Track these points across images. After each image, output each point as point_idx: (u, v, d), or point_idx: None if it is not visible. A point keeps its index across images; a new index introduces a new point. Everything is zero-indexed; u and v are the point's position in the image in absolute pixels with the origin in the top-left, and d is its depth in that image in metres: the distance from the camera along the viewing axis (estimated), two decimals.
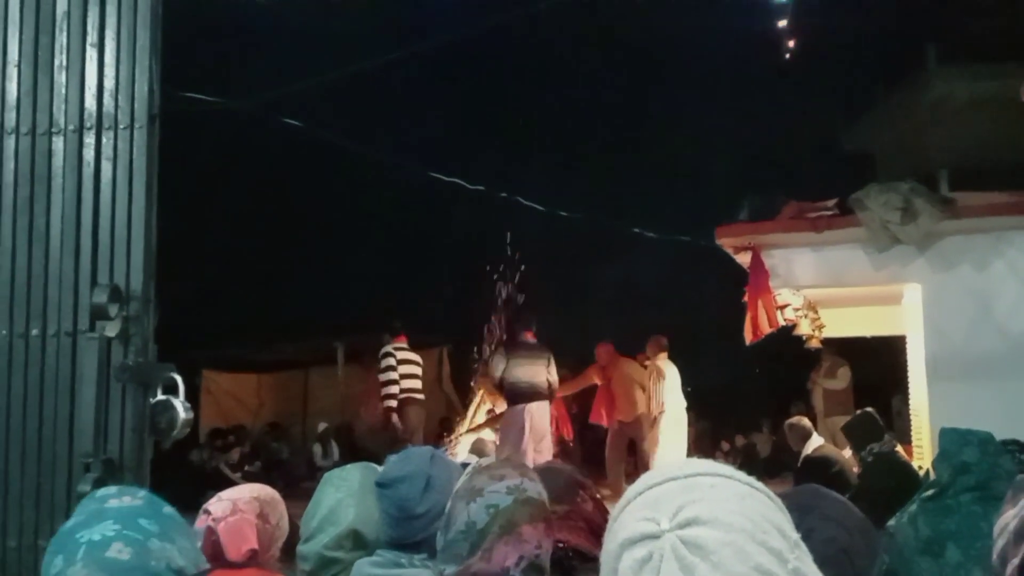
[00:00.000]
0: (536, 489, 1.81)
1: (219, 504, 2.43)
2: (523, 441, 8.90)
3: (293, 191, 15.20)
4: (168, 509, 1.59)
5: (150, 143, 2.81)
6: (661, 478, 1.02)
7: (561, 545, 2.15)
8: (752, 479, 1.03)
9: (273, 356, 14.78)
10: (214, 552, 2.37)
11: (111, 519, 1.49)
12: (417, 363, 9.72)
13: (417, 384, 9.58)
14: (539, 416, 9.07)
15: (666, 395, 9.62)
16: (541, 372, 9.19)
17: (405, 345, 9.72)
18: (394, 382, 9.40)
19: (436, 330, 13.68)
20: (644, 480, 1.03)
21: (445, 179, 10.58)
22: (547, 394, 9.20)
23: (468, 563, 1.71)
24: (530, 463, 8.93)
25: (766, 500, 1.01)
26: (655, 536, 0.94)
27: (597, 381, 10.57)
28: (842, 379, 10.68)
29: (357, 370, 13.52)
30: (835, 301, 8.16)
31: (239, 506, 2.49)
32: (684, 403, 9.78)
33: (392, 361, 9.48)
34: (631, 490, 1.03)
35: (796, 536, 0.99)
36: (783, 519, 1.00)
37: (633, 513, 0.99)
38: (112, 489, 1.61)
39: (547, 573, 1.77)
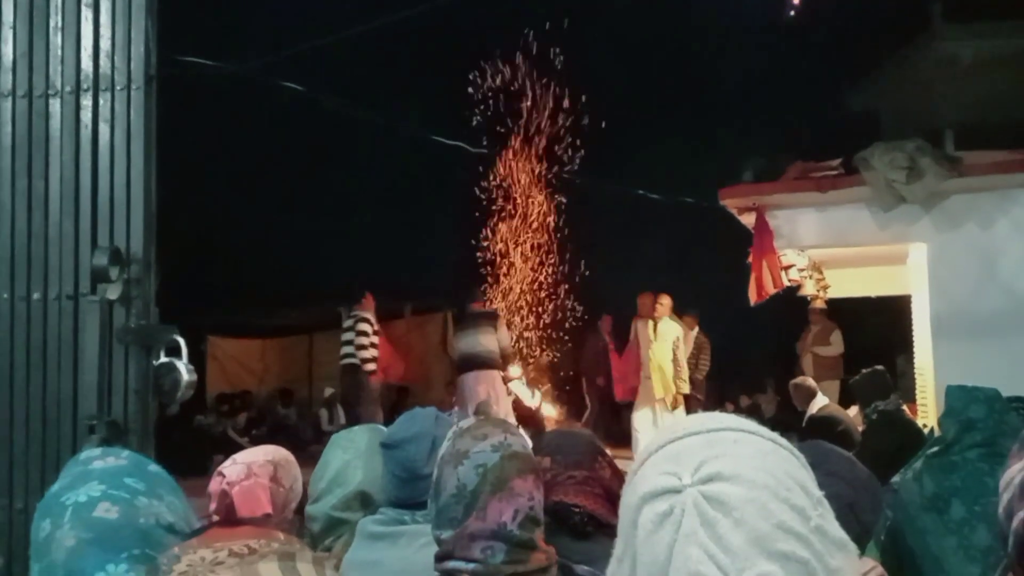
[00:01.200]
0: (520, 443, 1.82)
1: (233, 468, 2.43)
2: (468, 412, 8.94)
3: (296, 155, 15.14)
4: (154, 467, 1.58)
5: (148, 105, 2.77)
6: (683, 432, 1.00)
7: (577, 509, 2.16)
8: (776, 435, 1.01)
9: (277, 321, 14.82)
10: (228, 515, 2.38)
11: (96, 479, 1.48)
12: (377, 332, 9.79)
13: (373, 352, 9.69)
14: (482, 385, 9.10)
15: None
16: (482, 341, 9.19)
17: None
18: (367, 346, 9.53)
19: (440, 294, 13.68)
20: (665, 434, 1.02)
21: (447, 142, 10.53)
22: (490, 363, 9.19)
23: (464, 525, 1.72)
24: None
25: (790, 457, 0.99)
26: (676, 491, 0.93)
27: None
28: (835, 345, 10.62)
29: None
30: (840, 261, 8.14)
31: (253, 470, 2.50)
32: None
33: (367, 328, 9.60)
34: (651, 443, 1.02)
35: (819, 494, 0.98)
36: (806, 476, 0.99)
37: (654, 467, 0.98)
38: (96, 451, 1.60)
39: (542, 524, 1.77)
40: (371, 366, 9.64)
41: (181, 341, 2.76)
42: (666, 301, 9.62)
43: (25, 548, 2.69)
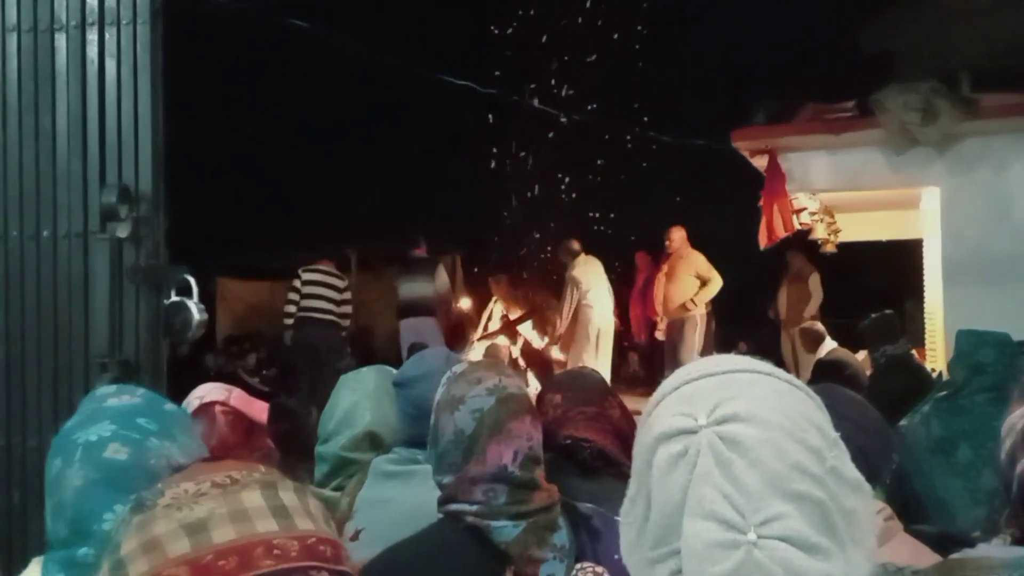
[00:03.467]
0: (515, 384, 1.83)
1: (211, 391, 2.47)
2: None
3: (306, 97, 14.98)
4: (169, 406, 1.57)
5: (154, 39, 2.74)
6: (697, 374, 1.00)
7: (587, 444, 2.17)
8: (792, 376, 1.01)
9: (287, 263, 14.80)
10: (222, 440, 2.41)
11: (108, 419, 1.47)
12: (326, 284, 9.66)
13: (319, 304, 9.55)
14: (419, 332, 9.15)
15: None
16: (420, 287, 9.31)
17: (323, 268, 9.74)
18: (292, 302, 9.61)
19: (449, 237, 13.66)
20: (680, 375, 1.02)
21: (457, 82, 10.42)
22: (427, 308, 9.30)
23: (464, 469, 1.73)
24: None
25: (805, 398, 0.99)
26: (692, 431, 0.93)
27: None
28: (814, 291, 10.51)
29: (370, 278, 13.56)
30: (851, 205, 8.09)
31: (225, 387, 2.55)
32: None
33: (297, 284, 9.63)
34: (666, 384, 1.02)
35: (835, 435, 0.98)
36: (822, 417, 0.99)
37: (669, 408, 0.98)
38: (111, 388, 1.59)
39: (543, 463, 1.78)
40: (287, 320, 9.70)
41: (192, 280, 2.77)
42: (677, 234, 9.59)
43: (38, 485, 2.75)
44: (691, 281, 9.43)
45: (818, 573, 0.86)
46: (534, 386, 8.06)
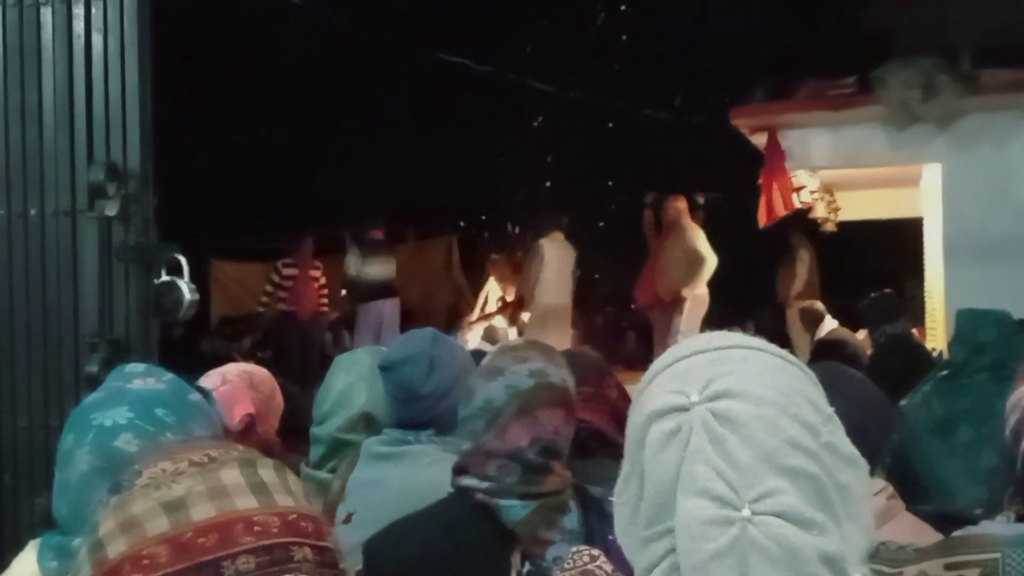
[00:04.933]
0: (560, 375, 1.81)
1: (208, 378, 2.45)
2: (381, 338, 9.01)
3: (300, 74, 14.87)
4: (193, 396, 1.54)
5: (141, 13, 2.69)
6: (689, 351, 0.99)
7: (583, 424, 2.15)
8: (785, 352, 1.00)
9: (280, 244, 14.76)
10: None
11: (127, 405, 1.44)
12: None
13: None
14: (391, 313, 9.38)
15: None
16: (382, 269, 9.50)
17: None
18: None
19: (445, 217, 13.63)
20: (672, 353, 1.01)
21: (452, 60, 10.36)
22: (391, 290, 9.58)
23: (483, 440, 1.73)
24: None
25: (799, 373, 0.99)
26: (684, 408, 0.92)
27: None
28: (799, 270, 10.48)
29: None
30: (851, 183, 8.06)
31: (229, 377, 2.53)
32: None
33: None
34: (658, 362, 1.01)
35: (829, 410, 0.97)
36: (816, 392, 0.98)
37: (661, 385, 0.96)
38: (140, 367, 1.55)
39: (563, 457, 1.77)
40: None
41: (182, 259, 2.74)
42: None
43: (29, 466, 2.73)
44: (681, 258, 8.89)
45: (813, 548, 0.85)
46: None
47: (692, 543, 0.86)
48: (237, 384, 2.53)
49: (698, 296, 8.93)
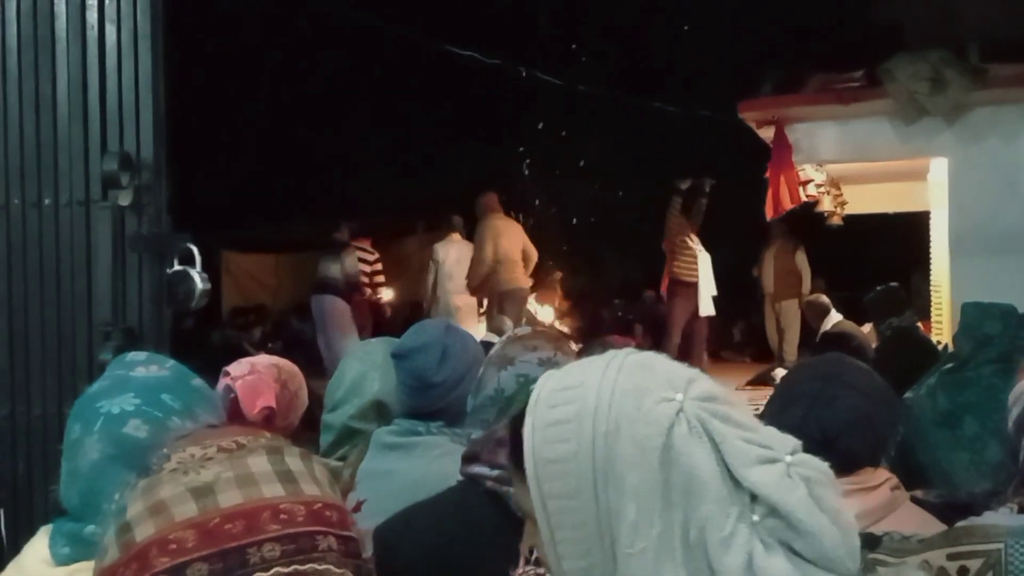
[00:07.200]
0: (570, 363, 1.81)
1: (239, 366, 2.47)
2: (326, 330, 9.66)
3: (312, 65, 14.87)
4: (196, 381, 1.55)
5: (155, 4, 2.70)
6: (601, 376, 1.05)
7: None
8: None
9: (291, 236, 14.78)
10: (233, 413, 2.41)
11: (133, 391, 1.45)
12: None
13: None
14: (323, 309, 9.70)
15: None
16: (329, 267, 9.79)
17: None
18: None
19: (451, 210, 13.59)
20: (598, 389, 1.04)
21: (461, 52, 10.36)
22: (336, 287, 9.73)
23: (493, 428, 1.73)
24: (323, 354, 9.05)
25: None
26: (681, 410, 0.97)
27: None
28: (801, 263, 10.45)
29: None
30: (858, 177, 8.04)
31: (257, 368, 2.55)
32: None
33: None
34: (546, 383, 1.13)
35: None
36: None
37: (642, 402, 1.00)
38: (141, 355, 1.56)
39: None
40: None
41: (195, 249, 2.75)
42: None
43: (43, 454, 2.75)
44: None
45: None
46: None
47: (782, 495, 0.92)
48: (263, 376, 2.55)
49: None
